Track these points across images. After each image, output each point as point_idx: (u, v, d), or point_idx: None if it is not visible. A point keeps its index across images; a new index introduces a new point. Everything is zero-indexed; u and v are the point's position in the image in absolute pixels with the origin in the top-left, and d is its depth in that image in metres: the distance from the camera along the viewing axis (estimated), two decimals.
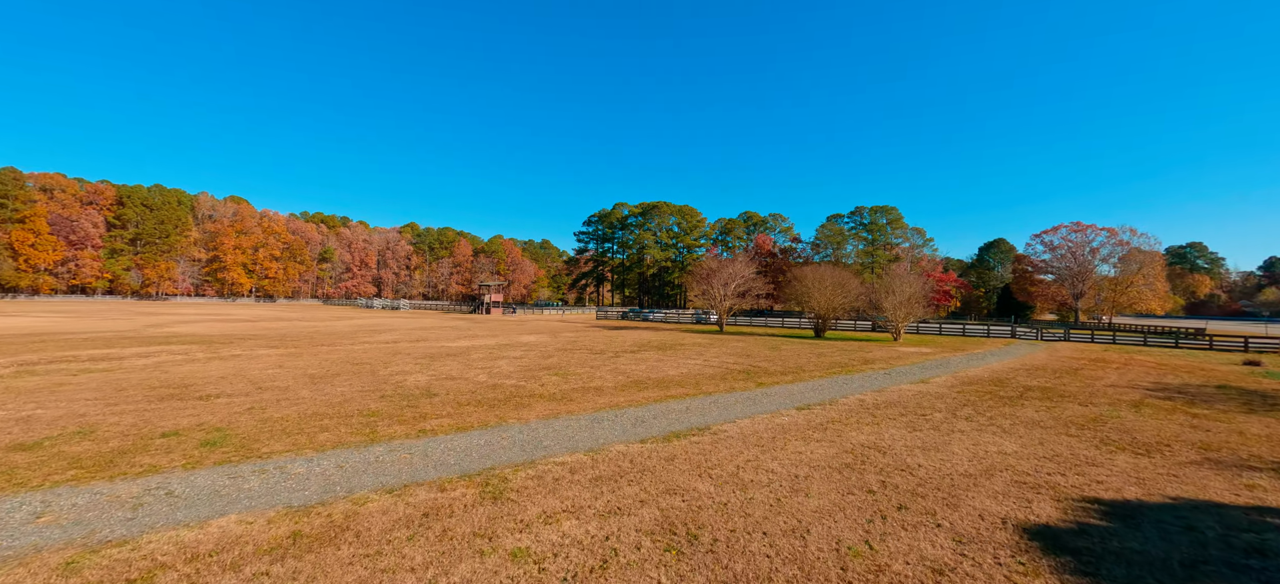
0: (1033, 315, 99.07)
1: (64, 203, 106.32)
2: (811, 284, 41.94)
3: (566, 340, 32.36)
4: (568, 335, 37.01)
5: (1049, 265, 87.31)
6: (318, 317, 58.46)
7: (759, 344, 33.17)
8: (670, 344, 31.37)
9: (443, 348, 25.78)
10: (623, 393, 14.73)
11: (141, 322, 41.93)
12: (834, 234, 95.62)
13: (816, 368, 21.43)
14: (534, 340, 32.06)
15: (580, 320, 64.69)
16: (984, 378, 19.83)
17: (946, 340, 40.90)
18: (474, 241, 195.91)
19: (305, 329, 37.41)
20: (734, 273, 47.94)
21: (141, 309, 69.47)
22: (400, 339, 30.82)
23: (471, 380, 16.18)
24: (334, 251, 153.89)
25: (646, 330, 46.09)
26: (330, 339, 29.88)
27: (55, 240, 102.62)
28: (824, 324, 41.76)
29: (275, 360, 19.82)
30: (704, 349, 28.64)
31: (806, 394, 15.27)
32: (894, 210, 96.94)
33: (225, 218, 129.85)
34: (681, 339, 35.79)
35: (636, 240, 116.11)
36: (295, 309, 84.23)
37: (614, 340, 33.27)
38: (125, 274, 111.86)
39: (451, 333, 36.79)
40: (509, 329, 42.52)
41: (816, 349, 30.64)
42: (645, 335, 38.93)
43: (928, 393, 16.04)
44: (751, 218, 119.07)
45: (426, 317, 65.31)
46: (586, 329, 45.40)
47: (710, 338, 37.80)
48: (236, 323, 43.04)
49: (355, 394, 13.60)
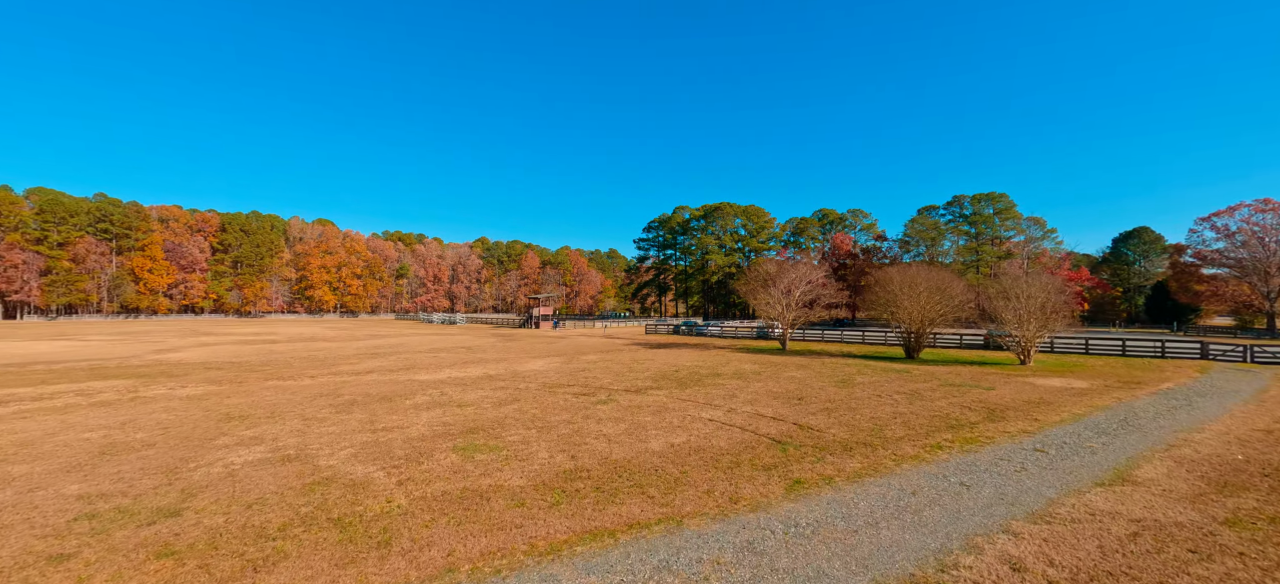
0: (1198, 320, 78.78)
1: (175, 231, 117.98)
2: (900, 288, 32.50)
3: (574, 369, 26.02)
4: (588, 358, 30.71)
5: (1223, 256, 68.29)
6: (359, 334, 56.99)
7: (825, 373, 24.82)
8: (704, 374, 23.97)
9: (408, 382, 20.39)
10: (528, 507, 7.93)
11: (144, 347, 41.24)
12: (927, 229, 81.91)
13: (907, 431, 13.25)
14: (538, 367, 26.07)
15: (626, 335, 58.47)
16: (1249, 468, 10.71)
17: (1098, 363, 29.71)
18: (542, 253, 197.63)
19: (301, 352, 34.18)
20: (798, 278, 39.27)
21: (202, 328, 72.79)
22: (394, 366, 26.10)
23: (309, 469, 10.11)
24: (409, 268, 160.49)
25: (691, 349, 38.75)
26: (305, 368, 25.73)
27: (169, 265, 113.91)
28: (917, 340, 32.12)
29: (162, 406, 15.17)
30: (744, 384, 20.98)
31: (886, 528, 7.54)
32: (1003, 197, 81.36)
33: (312, 239, 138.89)
34: (725, 364, 28.19)
35: (698, 245, 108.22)
36: (353, 326, 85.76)
37: (635, 367, 26.43)
38: (227, 294, 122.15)
39: (459, 357, 31.83)
40: (535, 348, 37.08)
41: (908, 382, 21.82)
42: (683, 357, 31.68)
43: (1152, 526, 7.64)
44: (827, 215, 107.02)
45: (470, 332, 62.23)
46: (618, 349, 38.91)
47: (763, 362, 29.80)
48: (256, 344, 41.35)
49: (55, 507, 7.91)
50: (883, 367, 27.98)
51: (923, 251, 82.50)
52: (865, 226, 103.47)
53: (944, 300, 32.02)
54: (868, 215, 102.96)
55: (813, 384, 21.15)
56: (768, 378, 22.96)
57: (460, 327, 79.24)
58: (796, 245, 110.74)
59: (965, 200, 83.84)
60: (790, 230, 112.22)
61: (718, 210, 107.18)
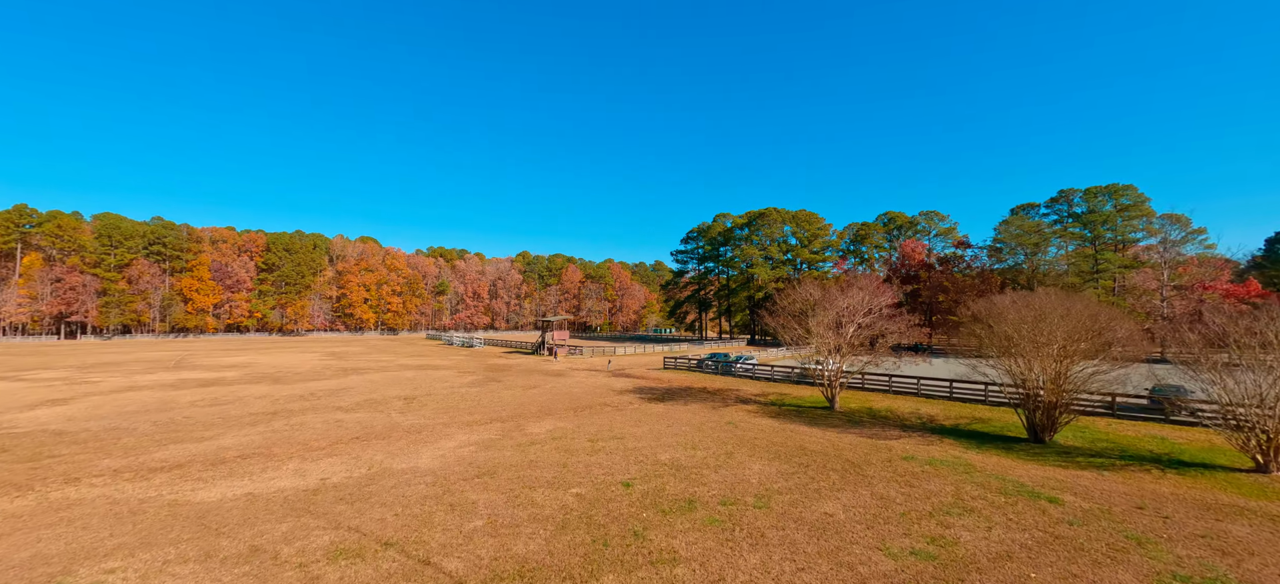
0: None
1: (223, 252, 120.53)
2: (1018, 326, 20.45)
3: (487, 465, 16.39)
4: (539, 428, 20.97)
5: None
6: (334, 365, 50.45)
7: (896, 479, 13.80)
8: (671, 499, 13.55)
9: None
10: None
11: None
12: (1026, 232, 65.84)
13: None
14: (427, 463, 16.68)
15: (641, 368, 48.37)
16: None
17: None
18: (584, 267, 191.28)
19: (154, 405, 26.66)
20: (853, 307, 27.67)
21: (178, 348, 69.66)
22: (289, 435, 17.64)
23: None
24: (448, 284, 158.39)
25: (698, 404, 28.12)
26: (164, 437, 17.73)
27: (215, 285, 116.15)
28: (1051, 414, 19.86)
29: None
30: (733, 553, 10.36)
31: None
32: (1130, 190, 63.91)
33: (352, 257, 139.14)
34: (729, 452, 17.56)
35: (742, 256, 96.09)
36: (352, 347, 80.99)
37: (592, 453, 16.41)
38: (271, 313, 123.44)
39: (343, 427, 23.13)
40: (489, 404, 27.96)
41: (1073, 536, 10.24)
42: (674, 430, 21.23)
43: None
44: (894, 219, 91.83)
45: (463, 362, 54.38)
46: (605, 401, 28.88)
47: (794, 444, 18.83)
48: (195, 372, 34.88)
49: None
50: (998, 465, 16.29)
51: (1021, 260, 66.48)
52: (942, 231, 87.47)
53: (1096, 345, 19.62)
54: (945, 218, 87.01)
55: (864, 543, 10.21)
56: (788, 509, 12.26)
57: (464, 352, 72.03)
58: (857, 255, 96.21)
59: (1075, 195, 66.95)
60: (849, 238, 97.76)
61: (763, 217, 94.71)
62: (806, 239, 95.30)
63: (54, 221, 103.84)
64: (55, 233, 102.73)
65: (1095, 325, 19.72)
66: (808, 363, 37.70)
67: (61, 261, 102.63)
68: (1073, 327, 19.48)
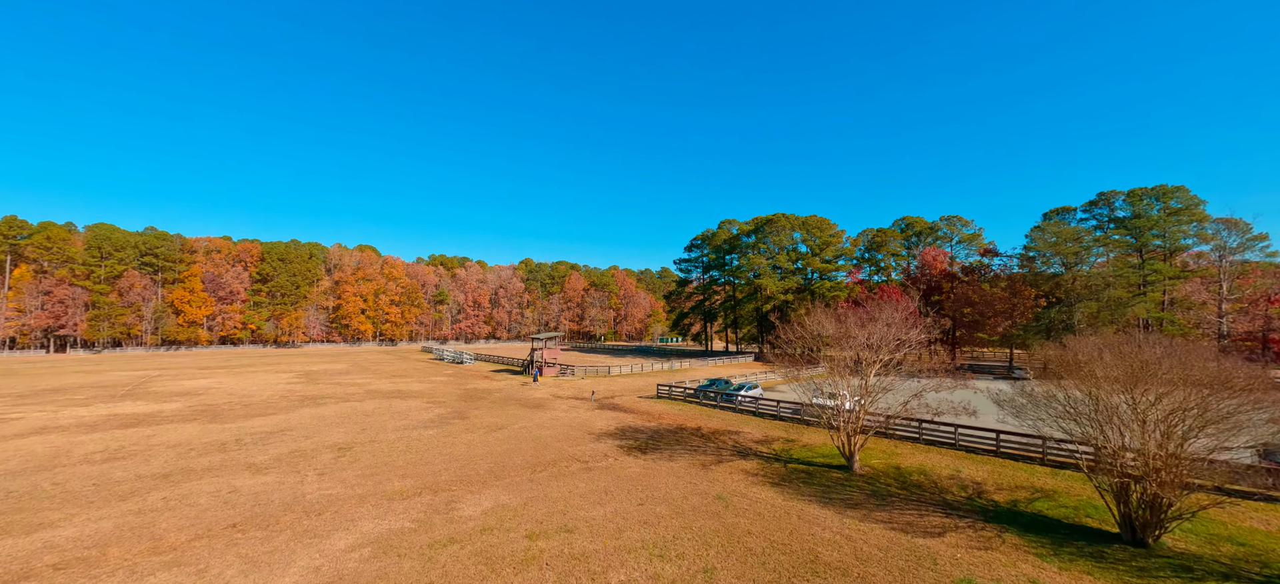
0: None
1: (217, 262, 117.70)
2: (1109, 382, 15.05)
3: (394, 576, 11.49)
4: (478, 504, 16.02)
5: None
6: (328, 372, 46.02)
7: None
8: None
9: None
10: None
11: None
12: (1063, 239, 59.55)
13: None
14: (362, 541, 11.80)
15: (631, 393, 43.31)
16: None
17: None
18: (588, 274, 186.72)
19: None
20: (881, 339, 22.41)
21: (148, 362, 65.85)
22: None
23: None
24: (448, 294, 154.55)
25: (684, 459, 22.99)
26: None
27: (206, 297, 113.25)
28: (1155, 506, 14.42)
29: None
30: None
31: None
32: (1182, 191, 57.42)
33: (349, 267, 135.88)
34: (722, 552, 12.48)
35: (749, 265, 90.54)
36: (347, 361, 76.83)
37: (512, 577, 11.51)
38: (264, 324, 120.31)
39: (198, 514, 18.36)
40: (469, 440, 23.00)
41: None
42: (661, 495, 16.16)
43: None
44: (912, 225, 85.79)
45: (438, 385, 49.74)
46: (565, 451, 23.88)
47: (810, 527, 13.66)
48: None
49: None
50: None
51: (1058, 270, 60.26)
52: (965, 238, 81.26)
53: (1209, 413, 14.15)
54: (969, 223, 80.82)
55: None
56: None
57: (449, 371, 67.45)
58: (872, 264, 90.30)
59: (1117, 198, 60.59)
60: (863, 245, 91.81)
61: (771, 223, 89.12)
62: (818, 247, 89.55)
63: (44, 233, 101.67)
64: (45, 245, 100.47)
65: (1222, 376, 14.28)
66: (803, 410, 29.66)
67: (51, 274, 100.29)
68: (1171, 372, 14.08)
